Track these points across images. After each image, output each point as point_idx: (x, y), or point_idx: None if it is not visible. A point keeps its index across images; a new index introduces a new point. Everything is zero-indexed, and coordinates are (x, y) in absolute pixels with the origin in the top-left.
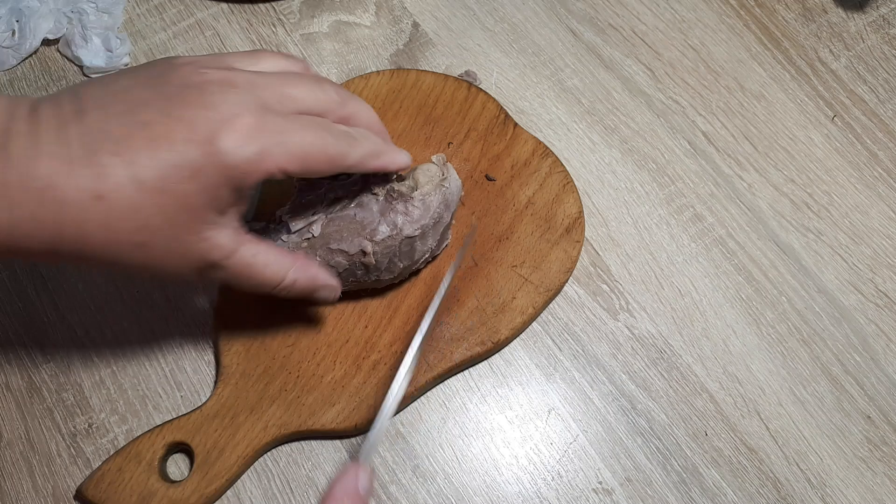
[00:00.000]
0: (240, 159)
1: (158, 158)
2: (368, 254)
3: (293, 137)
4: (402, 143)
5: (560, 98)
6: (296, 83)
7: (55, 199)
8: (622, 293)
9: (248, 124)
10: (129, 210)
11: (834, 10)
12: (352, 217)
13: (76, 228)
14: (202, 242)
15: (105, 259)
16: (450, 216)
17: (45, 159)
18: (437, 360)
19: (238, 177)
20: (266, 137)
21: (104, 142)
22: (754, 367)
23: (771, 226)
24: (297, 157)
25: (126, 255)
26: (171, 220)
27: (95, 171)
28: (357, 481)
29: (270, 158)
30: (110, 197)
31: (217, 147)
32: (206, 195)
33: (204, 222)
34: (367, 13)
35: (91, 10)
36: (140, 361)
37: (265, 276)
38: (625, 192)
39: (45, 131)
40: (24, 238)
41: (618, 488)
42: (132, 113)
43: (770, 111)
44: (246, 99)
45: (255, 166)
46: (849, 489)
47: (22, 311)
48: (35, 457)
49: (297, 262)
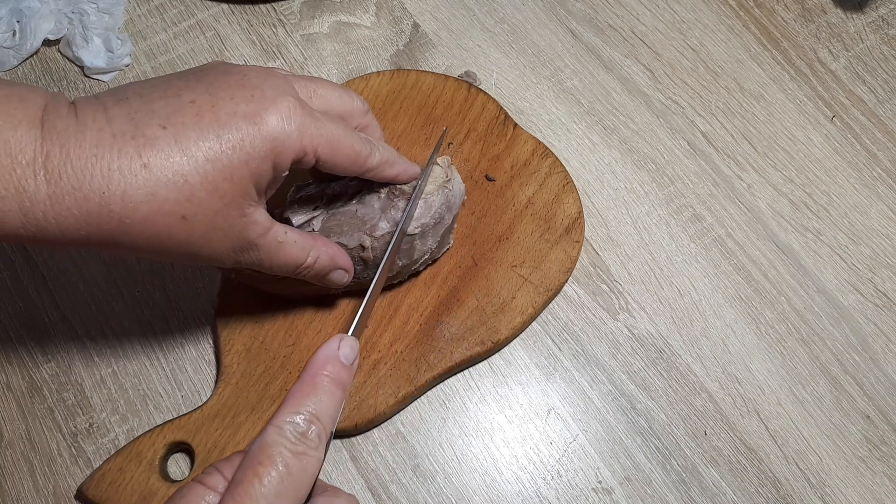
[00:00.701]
0: (283, 133)
1: (205, 130)
2: (367, 248)
3: (328, 126)
4: (403, 144)
5: (560, 98)
6: (325, 85)
7: (100, 169)
8: (622, 293)
9: (289, 105)
10: (175, 179)
11: (833, 10)
12: (353, 213)
13: (121, 199)
14: (243, 218)
15: (148, 236)
16: (451, 218)
17: (89, 133)
18: (437, 360)
19: (279, 151)
20: (305, 118)
21: (150, 117)
22: (753, 366)
23: (770, 226)
24: (331, 143)
25: (169, 230)
26: (216, 191)
27: (141, 141)
28: (339, 349)
29: (308, 138)
30: (156, 165)
31: (262, 121)
32: (249, 168)
33: (246, 196)
34: (367, 14)
35: (92, 10)
36: (141, 361)
37: (292, 254)
38: (624, 193)
39: (88, 112)
40: (65, 213)
41: (617, 487)
42: (176, 96)
43: (769, 111)
44: (285, 86)
45: (296, 142)
46: (848, 488)
47: (23, 310)
48: (36, 456)
49: (317, 242)
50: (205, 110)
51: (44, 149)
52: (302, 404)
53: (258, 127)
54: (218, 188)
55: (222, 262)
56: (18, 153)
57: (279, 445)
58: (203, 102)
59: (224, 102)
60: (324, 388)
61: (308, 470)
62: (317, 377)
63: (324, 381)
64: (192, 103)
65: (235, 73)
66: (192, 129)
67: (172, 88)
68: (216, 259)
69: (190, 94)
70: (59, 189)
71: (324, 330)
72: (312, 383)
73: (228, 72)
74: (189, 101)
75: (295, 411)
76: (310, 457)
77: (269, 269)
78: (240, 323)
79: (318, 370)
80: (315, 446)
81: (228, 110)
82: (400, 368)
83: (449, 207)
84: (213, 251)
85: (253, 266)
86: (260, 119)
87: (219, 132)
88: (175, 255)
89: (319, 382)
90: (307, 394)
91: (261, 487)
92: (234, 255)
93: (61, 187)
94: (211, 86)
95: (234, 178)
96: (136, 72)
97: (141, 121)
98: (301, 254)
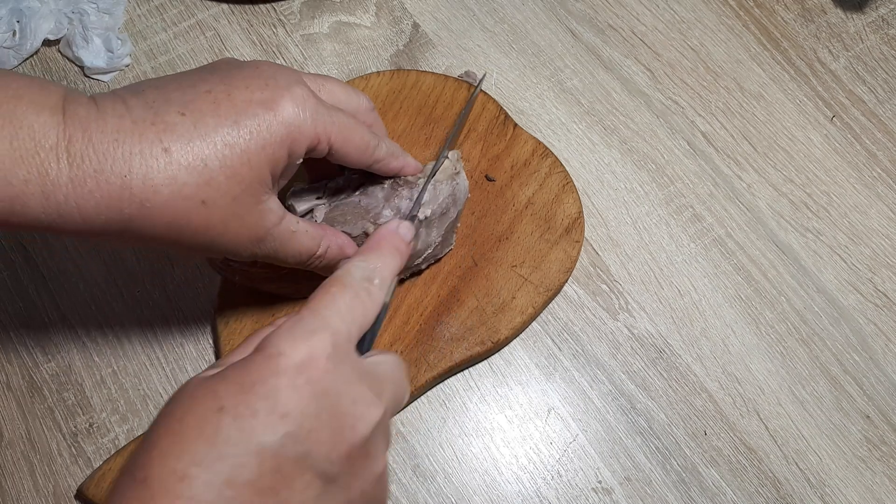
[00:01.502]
0: (298, 120)
1: (223, 116)
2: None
3: (339, 115)
4: (403, 144)
5: (560, 98)
6: (332, 81)
7: (122, 153)
8: (621, 293)
9: (302, 94)
10: (195, 163)
11: (833, 10)
12: (356, 203)
13: (142, 183)
14: (259, 205)
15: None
16: (456, 214)
17: (110, 119)
18: (437, 360)
19: (295, 137)
20: (318, 107)
21: (169, 104)
22: (753, 366)
23: (770, 226)
24: (342, 132)
25: (189, 215)
26: (235, 176)
27: (161, 127)
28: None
29: (322, 125)
30: (176, 150)
31: (277, 107)
32: (266, 154)
33: (263, 182)
34: (367, 14)
35: (92, 10)
36: (141, 361)
37: (305, 244)
38: (624, 193)
39: (108, 102)
40: (86, 196)
41: (617, 487)
42: (192, 86)
43: (769, 111)
44: (296, 77)
45: (311, 129)
46: (848, 488)
47: (23, 310)
48: (36, 456)
49: (326, 232)
50: (221, 98)
51: (66, 133)
52: (368, 258)
53: (274, 113)
54: (237, 173)
55: (240, 253)
56: (42, 137)
57: (350, 277)
58: (219, 91)
59: (240, 91)
60: (387, 251)
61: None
62: (382, 242)
63: (387, 246)
64: (208, 92)
65: (248, 66)
66: (210, 115)
67: (188, 80)
68: (234, 249)
69: (205, 84)
70: (82, 172)
71: None
72: (378, 247)
73: (241, 65)
74: (205, 91)
75: (360, 262)
76: (374, 294)
77: (283, 260)
78: (240, 323)
79: (382, 239)
80: (376, 292)
81: (245, 98)
82: None
83: (455, 200)
84: (230, 240)
85: (269, 258)
86: (276, 105)
87: (236, 118)
88: (193, 243)
89: (384, 247)
90: (371, 252)
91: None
92: (252, 246)
93: (83, 170)
94: (226, 76)
95: (252, 163)
96: (136, 72)
97: (160, 109)
98: (312, 243)
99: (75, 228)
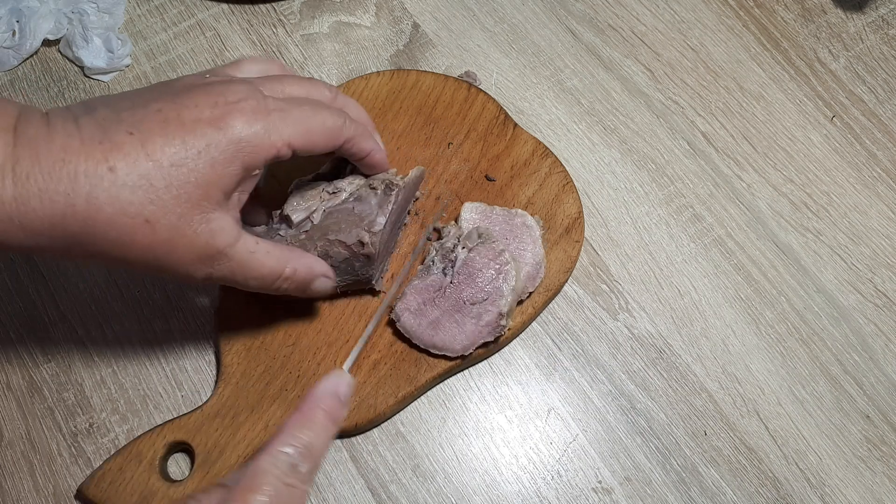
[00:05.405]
0: (248, 134)
1: (171, 136)
2: (367, 244)
3: (294, 113)
4: (403, 144)
5: (560, 98)
6: (291, 81)
7: (67, 173)
8: (621, 293)
9: (253, 106)
10: (140, 182)
11: (833, 10)
12: (350, 210)
13: (85, 201)
14: (208, 224)
15: (111, 238)
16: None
17: (58, 138)
18: (438, 360)
19: (248, 152)
20: (271, 115)
21: (118, 124)
22: (753, 366)
23: (770, 226)
24: (300, 130)
25: (133, 233)
26: (180, 194)
27: (109, 146)
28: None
29: (276, 133)
30: (122, 169)
31: (226, 125)
32: (214, 172)
33: (210, 200)
34: (367, 14)
35: (92, 10)
36: (141, 361)
37: (268, 265)
38: (624, 193)
39: (59, 120)
40: (30, 215)
41: (617, 487)
42: (143, 106)
43: (769, 111)
44: (248, 88)
45: (263, 140)
46: (848, 488)
47: (23, 310)
48: (36, 456)
49: (293, 253)
50: (171, 118)
51: (14, 154)
52: (297, 436)
53: (223, 132)
54: (182, 192)
55: (190, 274)
56: None
57: (271, 475)
58: (169, 111)
59: (189, 110)
60: (319, 423)
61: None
62: (314, 410)
63: (320, 415)
64: (158, 112)
65: (200, 84)
66: (158, 135)
67: (141, 99)
68: (182, 269)
69: (156, 104)
70: (26, 191)
71: (323, 330)
72: (310, 416)
73: (194, 83)
74: (156, 110)
75: (290, 442)
76: (298, 490)
77: (243, 283)
78: (240, 323)
79: (316, 404)
80: (304, 480)
81: (193, 117)
82: (400, 368)
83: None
84: (177, 260)
85: (226, 280)
86: (224, 123)
87: (184, 138)
88: (140, 261)
89: (316, 416)
90: (303, 426)
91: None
92: (202, 266)
93: (28, 189)
94: (177, 95)
95: (200, 181)
96: (136, 72)
97: (109, 128)
98: (277, 265)
99: (19, 245)
